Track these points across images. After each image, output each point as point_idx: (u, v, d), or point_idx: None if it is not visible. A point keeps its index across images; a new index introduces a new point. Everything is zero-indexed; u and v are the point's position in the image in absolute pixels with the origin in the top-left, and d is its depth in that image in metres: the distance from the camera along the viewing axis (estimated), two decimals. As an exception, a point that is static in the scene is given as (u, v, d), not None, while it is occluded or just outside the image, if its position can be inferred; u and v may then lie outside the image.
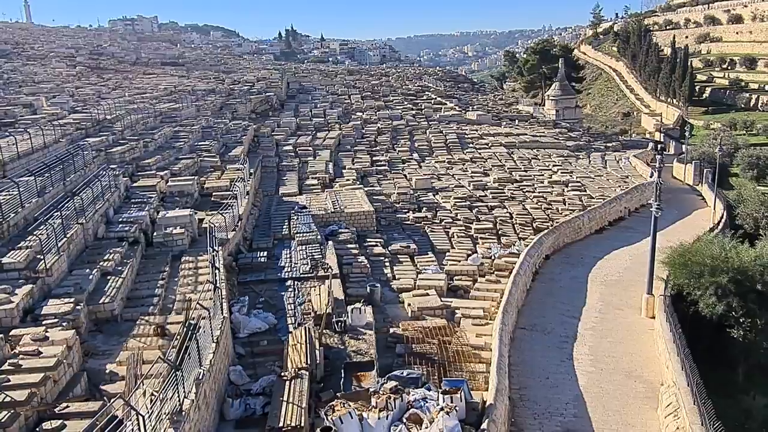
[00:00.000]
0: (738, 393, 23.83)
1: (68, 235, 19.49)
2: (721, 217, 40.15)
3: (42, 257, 17.53)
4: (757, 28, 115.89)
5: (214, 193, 30.74)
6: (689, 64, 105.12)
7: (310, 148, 48.98)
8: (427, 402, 14.46)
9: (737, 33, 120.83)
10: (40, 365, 13.00)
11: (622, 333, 23.34)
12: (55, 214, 19.62)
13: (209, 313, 14.91)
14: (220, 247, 21.61)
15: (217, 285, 17.46)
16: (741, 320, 23.35)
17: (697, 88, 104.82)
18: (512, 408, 17.54)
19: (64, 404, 12.48)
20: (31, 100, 42.97)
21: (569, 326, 23.66)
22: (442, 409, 13.80)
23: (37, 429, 11.72)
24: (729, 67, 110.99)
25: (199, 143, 40.84)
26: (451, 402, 14.15)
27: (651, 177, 43.27)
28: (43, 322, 15.30)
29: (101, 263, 19.33)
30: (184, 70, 79.16)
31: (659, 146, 30.88)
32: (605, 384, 19.42)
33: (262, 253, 25.67)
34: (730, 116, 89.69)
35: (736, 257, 24.51)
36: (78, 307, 16.14)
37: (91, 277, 18.14)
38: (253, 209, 32.23)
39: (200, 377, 13.08)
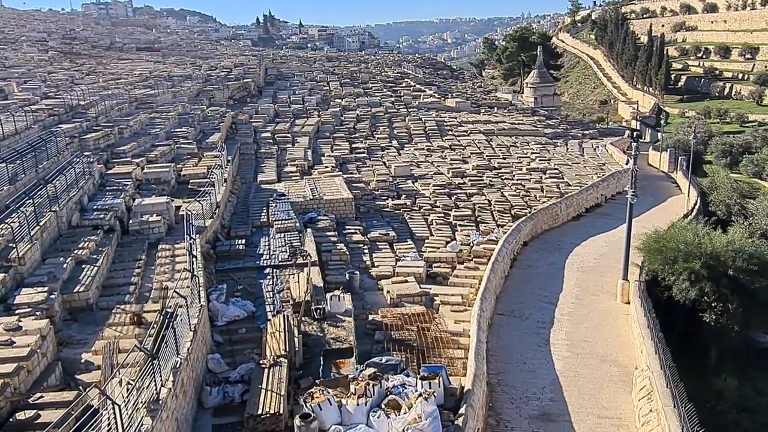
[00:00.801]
0: (710, 375, 24.39)
1: (41, 223, 19.16)
2: (695, 204, 40.80)
3: (14, 246, 17.21)
4: (731, 17, 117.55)
5: (191, 181, 30.38)
6: (665, 52, 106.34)
7: (289, 135, 48.62)
8: (405, 388, 14.52)
9: (712, 22, 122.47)
10: (13, 355, 12.80)
11: (598, 318, 23.67)
12: (28, 201, 19.25)
13: (186, 302, 14.78)
14: (197, 235, 21.40)
15: (195, 273, 17.32)
16: (713, 305, 23.81)
17: (672, 76, 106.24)
18: (490, 393, 17.73)
19: (38, 394, 12.32)
20: (2, 86, 41.97)
21: (546, 312, 23.93)
22: (420, 394, 13.87)
23: (11, 419, 11.57)
24: (704, 56, 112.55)
25: (176, 130, 40.26)
26: (430, 388, 14.23)
27: (627, 164, 43.65)
28: (16, 312, 15.06)
29: (76, 251, 19.04)
30: (160, 56, 77.90)
31: (635, 134, 31.30)
32: (581, 368, 19.70)
33: (240, 240, 25.47)
34: (705, 104, 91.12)
35: (709, 243, 24.94)
36: (52, 296, 15.90)
37: (65, 265, 17.87)
38: (231, 197, 31.95)
39: (177, 365, 12.99)
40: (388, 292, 22.72)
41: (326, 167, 40.72)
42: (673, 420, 14.54)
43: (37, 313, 15.05)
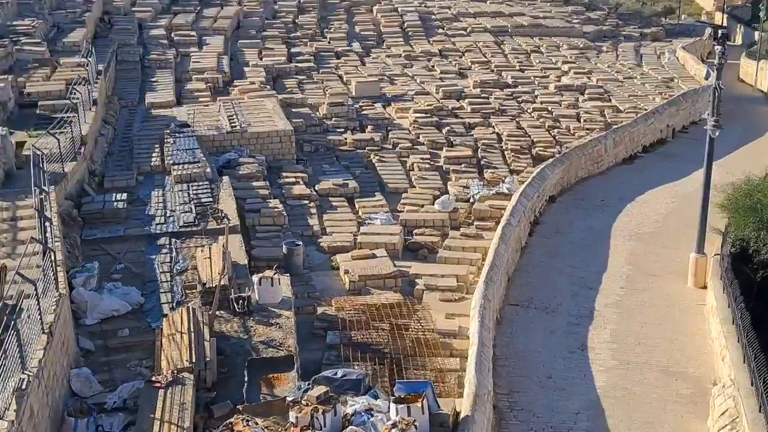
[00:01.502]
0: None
1: None
2: (807, 140, 41.46)
3: None
4: None
5: (40, 103, 30.11)
6: None
7: (193, 34, 47.99)
8: (372, 415, 14.69)
9: None
10: None
11: (659, 311, 24.09)
12: None
13: (36, 289, 14.62)
14: (52, 187, 21.18)
15: (49, 245, 17.11)
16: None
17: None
18: (498, 421, 18.02)
19: None
20: None
21: (583, 301, 24.30)
22: (394, 425, 14.04)
23: None
24: None
25: (14, 23, 39.54)
26: (408, 415, 14.39)
27: (707, 79, 44.15)
28: None
29: None
30: None
31: (720, 34, 31.28)
32: (633, 384, 20.11)
33: (119, 195, 25.30)
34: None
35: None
36: None
37: None
38: (105, 128, 31.63)
39: (23, 387, 12.88)
40: (347, 272, 22.83)
41: (252, 83, 40.43)
42: (768, 459, 14.97)
43: None
